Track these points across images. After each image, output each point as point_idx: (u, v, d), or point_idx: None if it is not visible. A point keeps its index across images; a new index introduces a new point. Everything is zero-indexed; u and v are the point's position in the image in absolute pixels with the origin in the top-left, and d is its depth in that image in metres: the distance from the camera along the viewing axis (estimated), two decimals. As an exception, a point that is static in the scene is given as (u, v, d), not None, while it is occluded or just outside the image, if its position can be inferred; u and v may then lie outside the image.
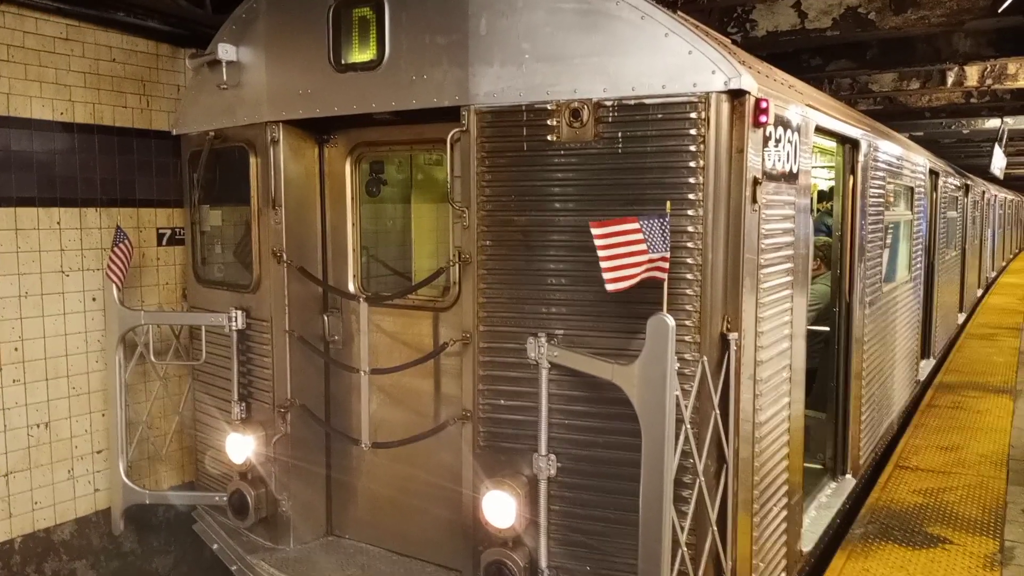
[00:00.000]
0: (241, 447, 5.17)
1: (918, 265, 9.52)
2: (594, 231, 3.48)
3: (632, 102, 3.82)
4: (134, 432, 5.68)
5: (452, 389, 4.56)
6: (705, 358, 3.80)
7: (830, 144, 5.79)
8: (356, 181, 5.06)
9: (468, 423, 4.32)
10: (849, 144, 6.24)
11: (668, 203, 3.54)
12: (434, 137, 4.34)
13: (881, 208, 7.13)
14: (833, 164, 6.32)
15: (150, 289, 6.10)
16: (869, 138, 6.66)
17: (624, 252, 3.44)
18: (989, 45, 9.26)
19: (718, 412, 3.85)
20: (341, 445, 5.13)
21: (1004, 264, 27.48)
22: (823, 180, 8.79)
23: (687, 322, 3.79)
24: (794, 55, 9.60)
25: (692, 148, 3.74)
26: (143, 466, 6.09)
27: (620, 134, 3.85)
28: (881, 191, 7.14)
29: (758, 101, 3.90)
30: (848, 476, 6.47)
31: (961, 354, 12.68)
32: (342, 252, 5.09)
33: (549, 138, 3.97)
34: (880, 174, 7.05)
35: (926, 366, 10.71)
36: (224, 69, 5.06)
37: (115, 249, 5.31)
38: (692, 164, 3.75)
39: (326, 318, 5.10)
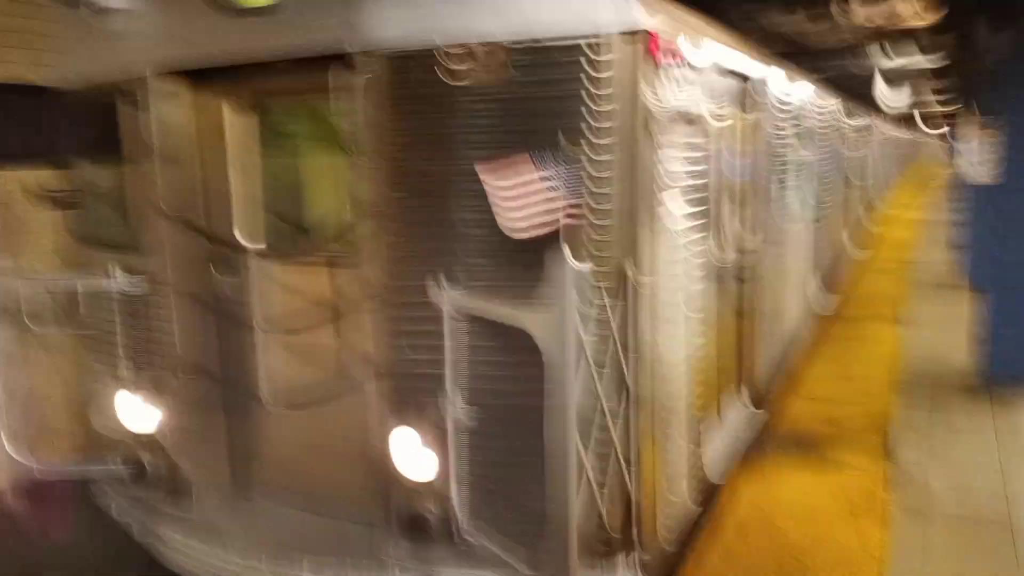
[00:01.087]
0: (134, 412, 4.93)
1: (814, 201, 9.82)
2: (489, 175, 3.39)
3: (531, 43, 3.70)
4: (18, 402, 5.33)
5: (356, 341, 4.42)
6: (608, 296, 3.80)
7: (732, 83, 5.81)
8: (248, 131, 4.79)
9: (375, 377, 4.22)
10: (750, 83, 6.29)
11: (570, 145, 3.46)
12: (327, 84, 4.11)
13: (779, 146, 7.27)
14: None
15: (28, 251, 5.70)
16: (768, 74, 6.73)
17: (525, 195, 3.36)
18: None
19: (622, 349, 3.86)
20: (243, 405, 4.95)
21: (895, 197, 28.80)
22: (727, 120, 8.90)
23: (588, 260, 3.75)
24: None
25: (593, 89, 3.67)
26: (31, 438, 5.75)
27: (520, 76, 3.74)
28: (779, 129, 7.27)
29: (656, 39, 3.85)
30: (750, 404, 6.68)
31: (855, 285, 13.27)
32: (229, 204, 4.82)
33: (448, 82, 3.82)
34: (778, 112, 7.16)
35: (823, 298, 11.15)
36: (101, 15, 4.66)
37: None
38: (593, 105, 3.68)
39: (219, 275, 4.85)
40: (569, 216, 3.48)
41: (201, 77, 4.66)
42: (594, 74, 3.65)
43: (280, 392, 4.76)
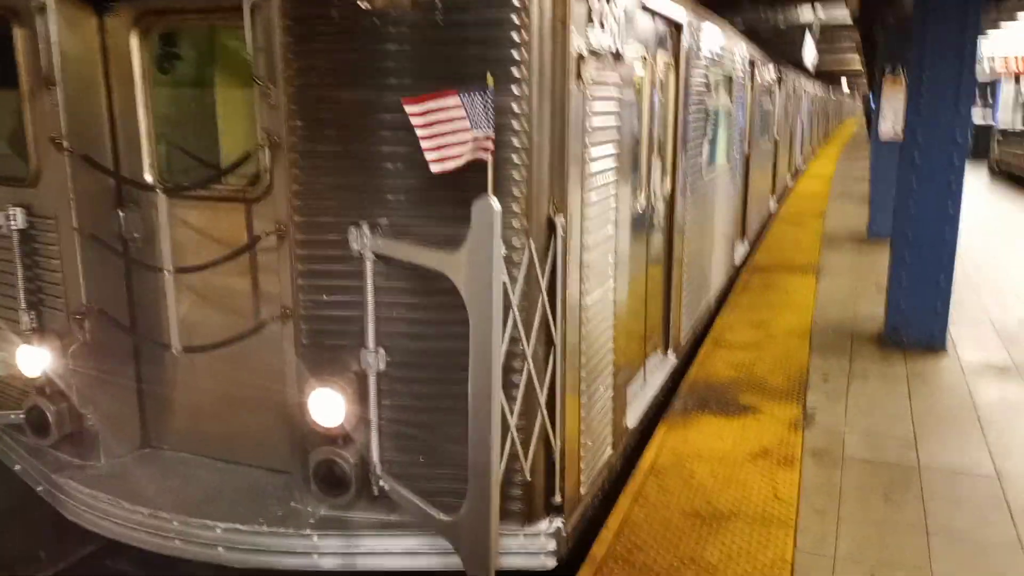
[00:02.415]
0: (34, 360, 4.65)
1: (736, 154, 9.94)
2: (408, 108, 3.24)
3: (451, -35, 3.53)
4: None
5: (270, 286, 4.25)
6: (532, 242, 3.72)
7: (661, 28, 5.74)
8: (145, 57, 4.47)
9: (289, 321, 4.07)
10: (674, 27, 6.23)
11: (489, 77, 3.33)
12: (232, 5, 3.85)
13: (703, 97, 7.27)
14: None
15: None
16: (695, 23, 6.69)
17: (446, 130, 3.24)
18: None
19: (546, 296, 3.81)
20: (151, 352, 4.72)
21: (812, 153, 29.56)
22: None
23: (513, 206, 3.68)
24: None
25: (515, 19, 3.54)
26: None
27: (439, 2, 3.57)
28: (704, 79, 7.27)
29: (583, -28, 3.73)
30: (670, 354, 6.79)
31: (773, 237, 13.59)
32: (134, 139, 4.52)
33: (362, 4, 3.62)
34: (703, 62, 7.15)
35: (741, 250, 11.38)
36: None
37: None
38: (515, 37, 3.55)
39: (122, 213, 4.57)
40: (486, 150, 3.36)
41: (100, -2, 4.32)
42: (519, 5, 3.51)
43: (189, 336, 4.56)
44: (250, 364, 4.37)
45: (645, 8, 5.10)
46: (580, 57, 3.84)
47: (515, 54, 3.57)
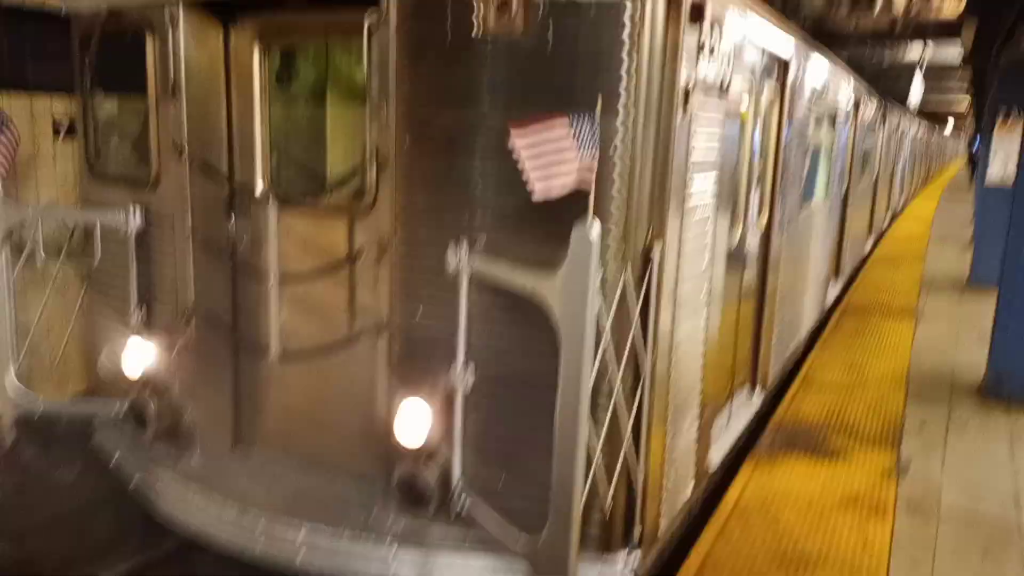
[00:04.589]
0: (141, 354, 4.89)
1: (834, 191, 9.69)
2: (513, 132, 3.29)
3: (565, -4, 3.58)
4: (25, 338, 5.29)
5: (368, 299, 4.36)
6: (628, 270, 3.71)
7: (769, 61, 5.67)
8: (266, 71, 4.68)
9: (384, 334, 4.15)
10: (781, 62, 6.15)
11: (599, 102, 3.35)
12: (350, 24, 4.00)
13: (805, 132, 7.13)
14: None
15: (46, 184, 5.61)
16: (802, 57, 6.58)
17: (553, 156, 3.26)
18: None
19: (638, 326, 3.78)
20: (250, 354, 4.90)
21: (912, 194, 28.52)
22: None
23: (611, 233, 3.68)
24: None
25: (625, 48, 3.56)
26: (38, 374, 5.73)
27: (551, 29, 3.62)
28: (808, 114, 7.13)
29: (696, 4, 3.72)
30: (757, 392, 6.63)
31: (869, 278, 13.16)
32: (250, 148, 4.73)
33: (475, 29, 3.71)
34: (808, 97, 7.02)
35: (835, 290, 11.05)
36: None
37: (-2, 137, 4.82)
38: (624, 65, 3.57)
39: (233, 220, 4.78)
40: (588, 179, 3.37)
41: (228, 12, 4.55)
42: (630, 34, 3.53)
43: (286, 342, 4.71)
44: (343, 373, 4.48)
45: (753, 42, 5.05)
46: (687, 88, 3.83)
47: (623, 83, 3.58)
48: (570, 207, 3.47)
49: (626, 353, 3.77)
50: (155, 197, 4.81)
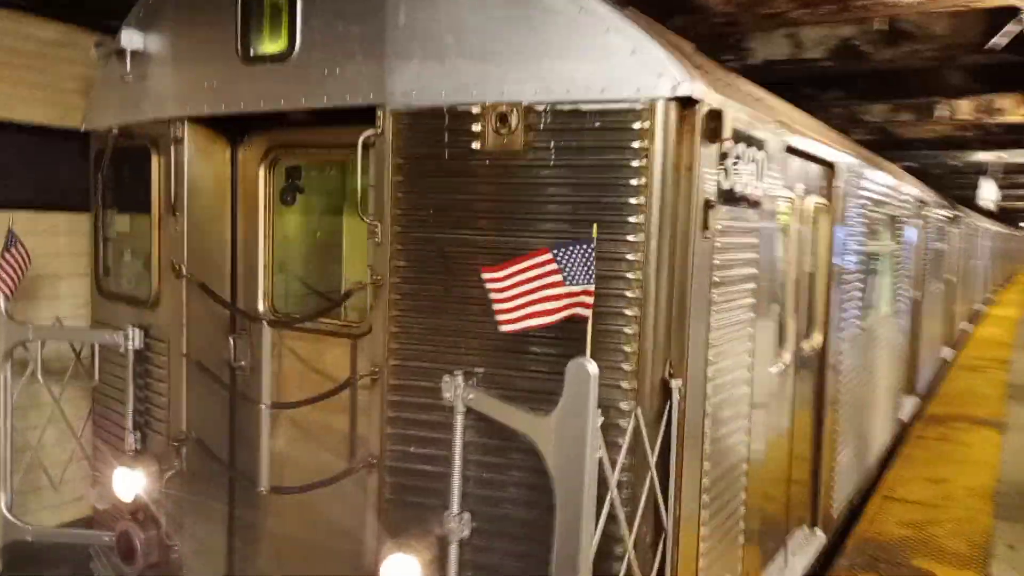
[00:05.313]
0: (131, 482, 4.57)
1: (903, 299, 9.02)
2: (486, 276, 2.97)
3: (567, 107, 3.30)
4: (21, 462, 5.07)
5: (363, 430, 3.99)
6: (641, 407, 3.25)
7: (809, 168, 5.27)
8: (270, 188, 4.51)
9: (374, 471, 3.75)
10: (827, 167, 5.73)
11: (595, 226, 3.00)
12: (350, 140, 3.79)
13: (862, 240, 6.62)
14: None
15: (56, 301, 5.52)
16: (848, 161, 6.15)
17: (528, 289, 2.91)
18: (979, 80, 9.30)
19: (655, 472, 3.28)
20: (244, 485, 4.54)
21: (992, 296, 27.12)
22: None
23: (622, 365, 3.24)
24: (789, 84, 9.56)
25: (634, 163, 3.22)
26: (34, 498, 5.47)
27: (553, 144, 3.33)
28: (863, 221, 6.64)
29: (713, 112, 3.38)
30: (818, 531, 5.91)
31: (950, 386, 12.28)
32: (253, 267, 4.52)
33: (473, 146, 3.44)
34: (860, 201, 6.54)
35: (910, 404, 10.21)
36: (128, 59, 4.53)
37: (4, 256, 4.73)
38: (633, 181, 3.22)
39: (233, 341, 4.52)
40: (598, 308, 2.99)
41: (225, 128, 4.42)
42: (639, 146, 3.20)
43: (280, 473, 4.34)
44: (335, 511, 4.07)
45: (792, 149, 4.66)
46: (708, 203, 3.45)
47: (633, 200, 3.23)
48: (573, 337, 3.09)
49: (642, 503, 3.26)
50: (155, 317, 4.61)
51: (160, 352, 4.58)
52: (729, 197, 3.68)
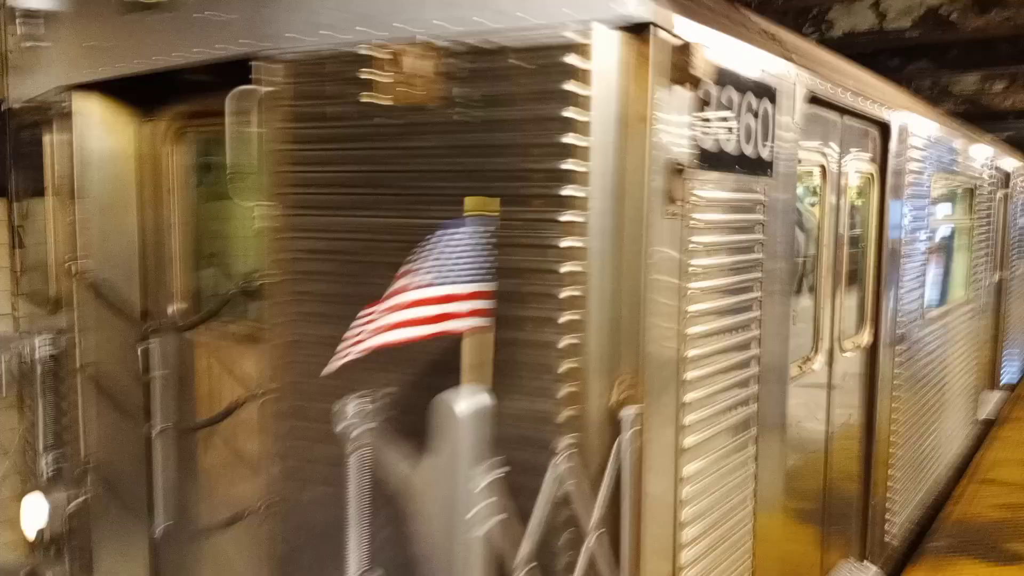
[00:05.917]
0: (36, 513, 3.97)
1: (981, 283, 7.80)
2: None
3: (478, 41, 2.45)
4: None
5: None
6: (579, 447, 2.39)
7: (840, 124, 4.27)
8: (178, 167, 3.79)
9: (265, 517, 3.01)
10: (877, 126, 4.71)
11: (491, 201, 2.17)
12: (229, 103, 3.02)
13: (923, 216, 5.53)
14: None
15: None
16: (908, 121, 5.08)
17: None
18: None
19: (597, 534, 2.42)
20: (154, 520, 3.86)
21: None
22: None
23: (550, 387, 2.39)
24: (872, 56, 8.83)
25: (564, 113, 2.36)
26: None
27: (464, 92, 2.49)
28: (924, 193, 5.54)
29: (682, 44, 2.48)
30: (869, 564, 4.92)
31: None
32: (162, 262, 3.82)
33: (361, 98, 2.63)
34: (922, 167, 5.44)
35: (991, 399, 8.95)
36: (26, 22, 3.90)
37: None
38: (565, 139, 2.36)
39: (140, 350, 3.84)
40: (486, 316, 2.16)
41: (124, 96, 3.72)
42: (574, 90, 2.34)
43: (197, 509, 3.66)
44: (233, 557, 3.35)
45: (818, 99, 3.68)
46: (676, 167, 2.55)
47: (564, 165, 2.37)
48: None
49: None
50: (57, 322, 3.96)
51: (65, 363, 3.94)
52: (712, 160, 2.77)
